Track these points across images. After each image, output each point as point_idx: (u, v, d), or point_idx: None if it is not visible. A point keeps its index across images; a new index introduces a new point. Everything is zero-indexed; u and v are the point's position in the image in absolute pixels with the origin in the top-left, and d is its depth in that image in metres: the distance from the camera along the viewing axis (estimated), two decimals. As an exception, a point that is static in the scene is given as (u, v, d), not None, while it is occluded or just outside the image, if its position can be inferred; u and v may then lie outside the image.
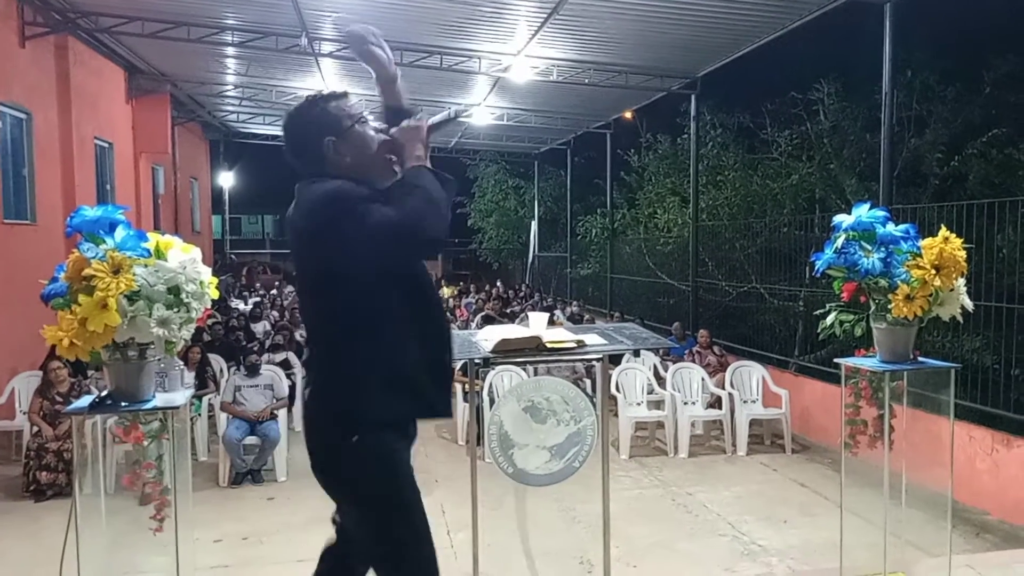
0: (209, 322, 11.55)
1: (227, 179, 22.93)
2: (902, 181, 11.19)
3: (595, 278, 17.66)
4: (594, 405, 3.13)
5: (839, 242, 3.01)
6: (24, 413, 7.28)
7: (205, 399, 8.18)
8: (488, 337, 2.70)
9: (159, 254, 2.31)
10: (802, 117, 13.18)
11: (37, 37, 9.57)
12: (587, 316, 14.18)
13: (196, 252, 2.38)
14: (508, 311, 13.63)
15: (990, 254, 6.93)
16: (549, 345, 2.65)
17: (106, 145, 12.30)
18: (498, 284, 18.62)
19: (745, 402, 8.30)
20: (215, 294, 2.45)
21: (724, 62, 10.75)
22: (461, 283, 18.72)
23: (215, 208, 22.89)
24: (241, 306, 15.08)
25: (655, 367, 9.29)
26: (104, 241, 2.25)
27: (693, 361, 9.09)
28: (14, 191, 9.18)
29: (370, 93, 12.05)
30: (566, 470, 3.00)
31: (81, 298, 2.13)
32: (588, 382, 9.41)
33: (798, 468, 7.54)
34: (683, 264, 12.92)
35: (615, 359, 9.41)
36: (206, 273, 2.38)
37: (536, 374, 8.34)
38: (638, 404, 8.32)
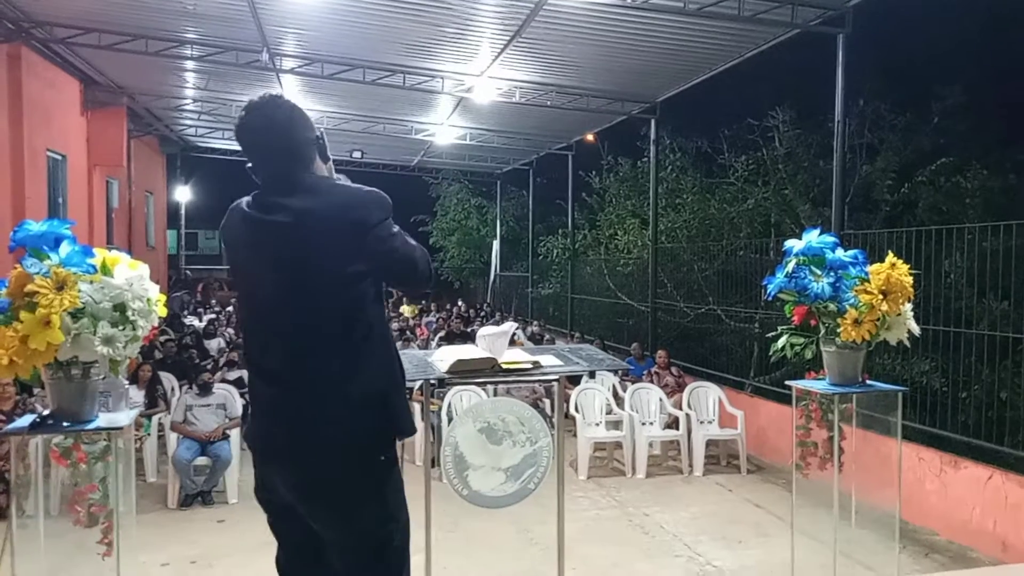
0: (161, 339, 11.31)
1: (184, 193, 22.58)
2: (854, 207, 11.47)
3: (556, 298, 17.73)
4: (551, 426, 3.13)
5: (790, 266, 3.07)
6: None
7: (155, 418, 7.98)
8: (444, 357, 2.69)
9: (105, 270, 2.26)
10: (758, 143, 13.47)
11: (-12, 46, 9.37)
12: (548, 336, 14.21)
13: (144, 269, 2.33)
14: (469, 330, 13.59)
15: (938, 279, 7.11)
16: (505, 366, 2.64)
17: (59, 158, 12.04)
18: (459, 303, 18.58)
19: (702, 423, 8.37)
20: (163, 312, 2.40)
21: (683, 88, 10.95)
22: (423, 301, 18.60)
23: (171, 223, 22.51)
24: (196, 323, 14.80)
25: (614, 387, 9.34)
26: (48, 256, 2.19)
27: (651, 382, 9.15)
28: (-40, 203, 8.93)
29: (330, 109, 11.96)
30: (521, 491, 2.99)
31: (23, 315, 2.07)
32: (548, 402, 9.42)
33: (753, 488, 7.61)
34: (643, 285, 13.04)
35: (574, 379, 9.45)
36: (153, 290, 2.33)
37: (496, 394, 8.33)
38: (597, 424, 8.34)
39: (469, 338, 12.13)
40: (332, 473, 2.08)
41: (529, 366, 2.69)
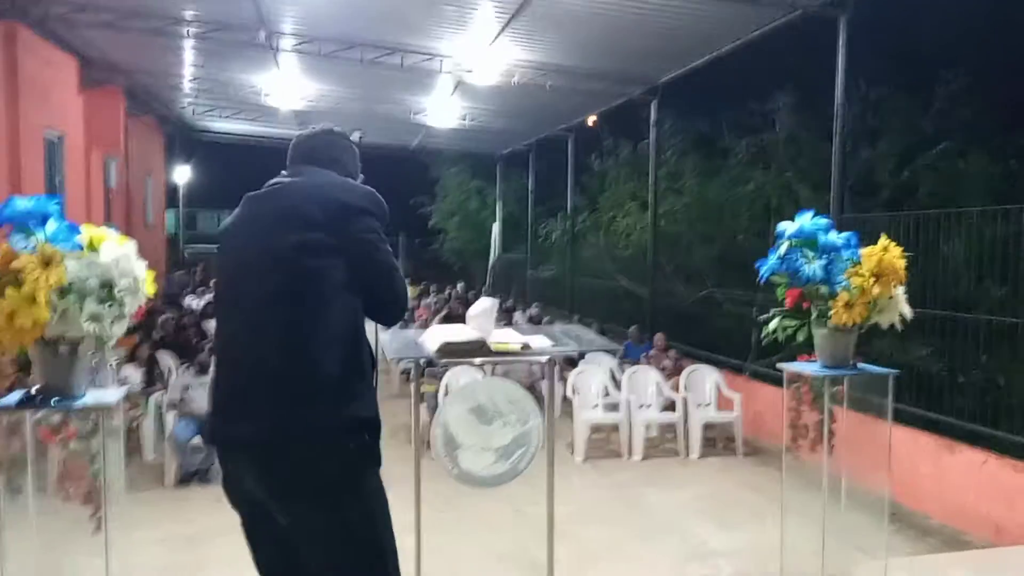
0: (160, 319, 11.33)
1: (183, 174, 22.49)
2: (855, 191, 11.43)
3: (556, 280, 17.71)
4: (542, 407, 3.13)
5: (782, 249, 3.06)
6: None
7: (153, 397, 8.01)
8: (433, 338, 2.69)
9: (92, 247, 2.25)
10: (760, 126, 13.39)
11: (-17, 25, 9.29)
12: (547, 318, 14.21)
13: (131, 246, 2.33)
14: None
15: (938, 264, 7.10)
16: (494, 348, 2.64)
17: (56, 137, 11.98)
18: (459, 285, 18.55)
19: (699, 406, 8.40)
20: (151, 290, 2.39)
21: (684, 70, 10.87)
22: (423, 283, 18.57)
23: (170, 203, 22.44)
24: (195, 303, 14.80)
25: (611, 371, 9.35)
26: (35, 233, 2.18)
27: (649, 365, 9.17)
28: (-43, 182, 8.89)
29: (329, 89, 11.89)
30: (511, 471, 3.00)
31: (9, 291, 2.07)
32: (544, 383, 9.44)
33: (749, 471, 7.65)
34: (642, 268, 13.03)
35: (572, 362, 9.45)
36: (141, 268, 2.32)
37: (494, 374, 8.34)
38: (594, 407, 8.36)
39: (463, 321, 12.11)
40: (300, 465, 2.00)
41: (518, 347, 2.68)
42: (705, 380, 8.63)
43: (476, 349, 2.62)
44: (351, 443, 2.05)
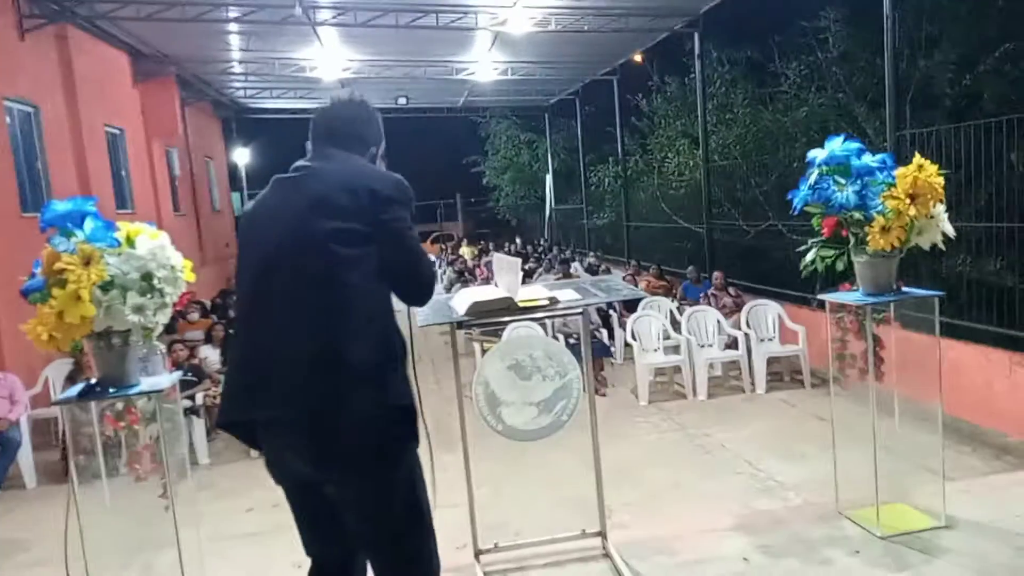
0: (233, 298, 11.77)
1: (242, 156, 23.00)
2: (915, 104, 10.88)
3: (612, 227, 17.57)
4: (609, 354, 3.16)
5: (813, 177, 2.98)
6: (54, 403, 7.53)
7: (231, 374, 8.37)
8: (462, 300, 2.74)
9: (129, 242, 2.37)
10: (811, 47, 12.82)
11: (36, 29, 9.61)
12: (603, 266, 14.16)
13: (164, 237, 2.44)
14: (527, 267, 13.64)
15: (1010, 174, 6.76)
16: (522, 304, 2.68)
17: (117, 131, 12.41)
18: (516, 240, 18.61)
19: (762, 341, 8.30)
20: (190, 277, 2.51)
21: (725, -5, 10.50)
22: (481, 242, 18.71)
23: (232, 186, 23.02)
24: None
25: (671, 312, 9.30)
26: (74, 234, 2.31)
27: (709, 304, 9.07)
28: (29, 184, 9.34)
29: (370, 58, 11.94)
30: (555, 424, 3.06)
31: (56, 291, 2.21)
32: (605, 332, 9.46)
33: (817, 402, 7.54)
34: (698, 207, 12.80)
35: (631, 308, 9.44)
36: (177, 258, 2.44)
37: (553, 327, 8.40)
38: (655, 350, 8.35)
39: (527, 275, 12.19)
40: (345, 440, 2.05)
41: (546, 302, 2.72)
42: (767, 315, 8.50)
43: (505, 307, 2.67)
44: (388, 429, 2.10)
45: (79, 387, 2.50)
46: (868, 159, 3.01)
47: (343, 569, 2.30)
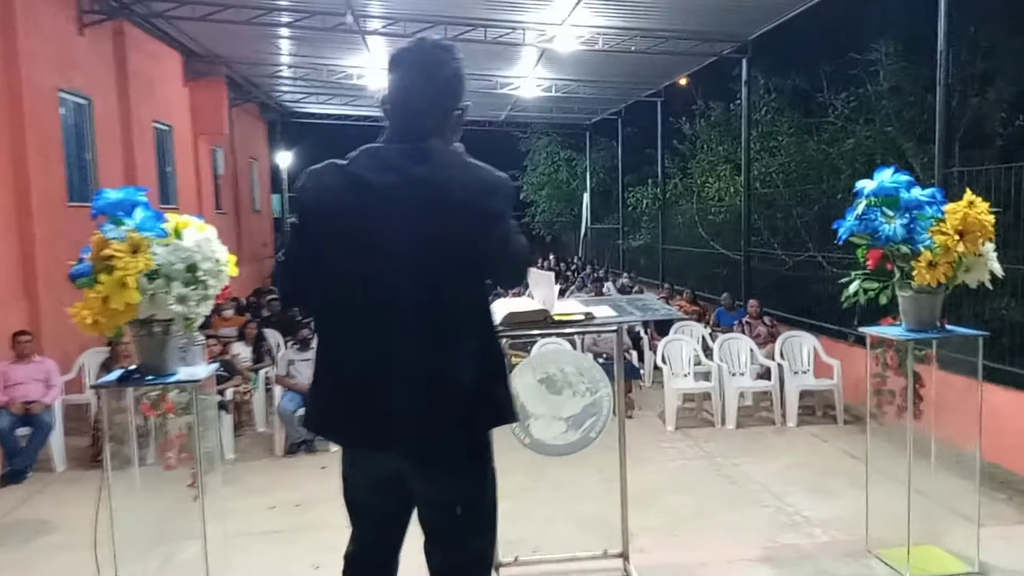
0: (268, 298, 11.94)
1: (285, 159, 23.36)
2: (964, 143, 10.70)
3: (647, 249, 17.49)
4: (633, 375, 3.13)
5: (860, 208, 2.94)
6: (91, 388, 7.68)
7: (262, 372, 8.47)
8: (497, 311, 2.74)
9: (177, 234, 2.41)
10: (860, 79, 12.69)
11: (94, 24, 9.88)
12: (636, 288, 14.08)
13: (211, 231, 2.48)
14: (560, 286, 13.62)
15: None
16: (557, 318, 2.67)
17: (165, 128, 12.68)
18: (550, 257, 18.61)
19: (796, 373, 8.17)
20: (234, 271, 2.54)
21: (776, 23, 10.44)
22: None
23: (274, 187, 23.36)
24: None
25: (703, 338, 9.20)
26: (124, 222, 2.36)
27: (743, 331, 8.97)
28: (78, 175, 9.57)
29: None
30: (583, 440, 3.04)
31: (103, 277, 2.25)
32: (634, 353, 9.39)
33: (849, 439, 7.39)
34: (736, 233, 12.69)
35: (662, 331, 9.36)
36: (222, 251, 2.47)
37: (584, 348, 8.36)
38: (685, 375, 8.27)
39: (559, 293, 12.14)
40: (447, 438, 2.07)
41: (582, 317, 2.70)
42: (802, 346, 8.37)
43: (539, 320, 2.66)
44: (487, 429, 2.18)
45: (118, 372, 2.54)
46: (918, 192, 2.96)
47: (387, 565, 2.33)
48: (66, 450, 7.00)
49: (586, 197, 21.83)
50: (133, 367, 2.51)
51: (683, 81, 14.92)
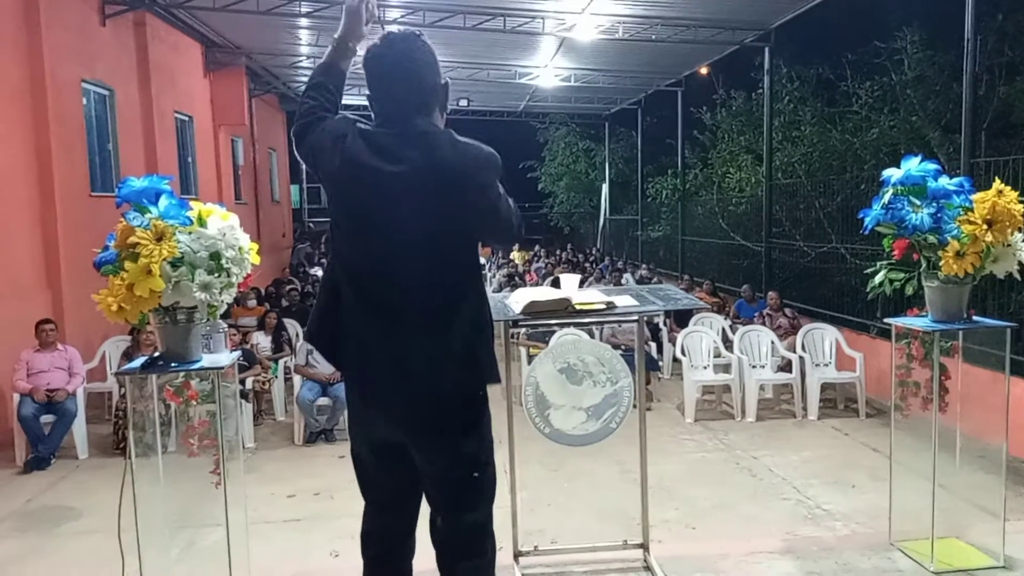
0: (287, 288, 12.02)
1: (304, 149, 23.38)
2: (992, 132, 10.52)
3: (666, 240, 17.39)
4: (652, 367, 3.12)
5: (887, 197, 2.89)
6: (114, 375, 7.77)
7: (282, 362, 8.53)
8: (519, 299, 2.73)
9: (200, 222, 2.42)
10: (885, 67, 12.50)
11: (116, 15, 9.95)
12: (656, 279, 14.02)
13: (234, 219, 2.49)
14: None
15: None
16: (578, 307, 2.66)
17: (186, 118, 12.77)
18: (568, 248, 18.56)
19: (817, 365, 8.10)
20: (256, 260, 2.55)
21: (799, 12, 10.31)
22: (534, 247, 18.71)
23: (293, 178, 23.45)
24: (318, 273, 15.54)
25: (723, 330, 9.15)
26: (149, 210, 2.37)
27: (763, 324, 8.90)
28: (100, 165, 9.66)
29: (437, 56, 11.89)
30: (603, 431, 3.02)
31: (127, 265, 2.27)
32: (653, 345, 9.36)
33: (871, 432, 7.33)
34: (757, 225, 12.58)
35: (682, 322, 9.31)
36: (245, 240, 2.48)
37: (602, 336, 8.34)
38: (704, 367, 8.22)
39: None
40: (442, 407, 2.19)
41: (603, 306, 2.69)
42: (824, 339, 8.29)
43: (561, 308, 2.65)
44: (479, 390, 2.27)
45: (142, 359, 2.56)
46: (945, 181, 2.91)
47: (403, 543, 2.44)
48: (88, 438, 7.09)
49: (605, 188, 21.73)
50: (157, 354, 2.53)
51: (704, 70, 14.79)
